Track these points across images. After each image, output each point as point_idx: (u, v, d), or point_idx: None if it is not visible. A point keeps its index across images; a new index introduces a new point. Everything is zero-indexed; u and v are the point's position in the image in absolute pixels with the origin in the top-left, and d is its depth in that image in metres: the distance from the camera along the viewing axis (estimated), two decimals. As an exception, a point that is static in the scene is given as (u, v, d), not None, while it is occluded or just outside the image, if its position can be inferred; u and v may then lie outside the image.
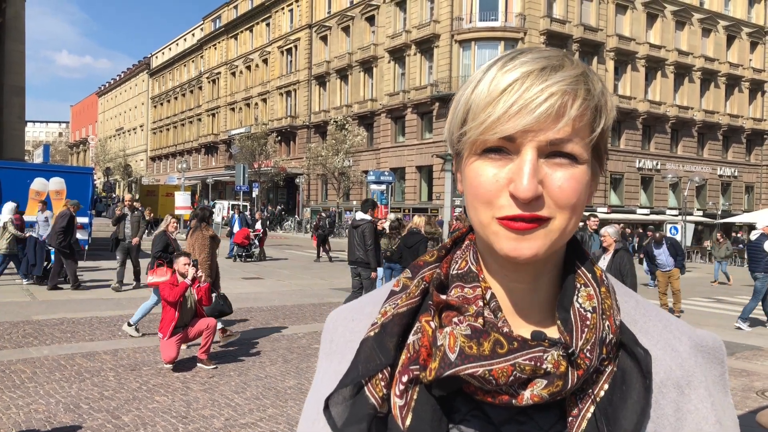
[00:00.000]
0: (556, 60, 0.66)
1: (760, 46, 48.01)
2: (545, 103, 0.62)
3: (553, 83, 0.63)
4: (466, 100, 0.68)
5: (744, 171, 47.55)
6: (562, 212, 0.65)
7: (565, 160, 0.65)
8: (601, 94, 0.67)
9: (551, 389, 0.63)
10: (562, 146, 0.64)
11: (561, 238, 0.67)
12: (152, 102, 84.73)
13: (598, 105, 0.67)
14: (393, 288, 0.75)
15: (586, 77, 0.66)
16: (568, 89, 0.64)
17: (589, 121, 0.66)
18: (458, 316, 0.68)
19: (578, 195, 0.65)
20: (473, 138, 0.65)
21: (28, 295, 11.50)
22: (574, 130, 0.64)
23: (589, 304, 0.67)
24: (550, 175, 0.64)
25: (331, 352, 0.81)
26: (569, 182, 0.65)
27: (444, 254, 0.77)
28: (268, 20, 56.68)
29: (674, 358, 0.71)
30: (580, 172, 0.66)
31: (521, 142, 0.63)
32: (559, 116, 0.63)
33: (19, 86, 23.54)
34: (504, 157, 0.65)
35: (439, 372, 0.63)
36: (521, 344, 0.64)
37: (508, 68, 0.65)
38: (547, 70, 0.64)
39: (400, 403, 0.66)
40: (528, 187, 0.62)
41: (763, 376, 7.70)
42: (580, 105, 0.64)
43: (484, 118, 0.64)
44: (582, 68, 0.67)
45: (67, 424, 4.95)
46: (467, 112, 0.67)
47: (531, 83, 0.63)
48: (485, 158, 0.66)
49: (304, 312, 10.66)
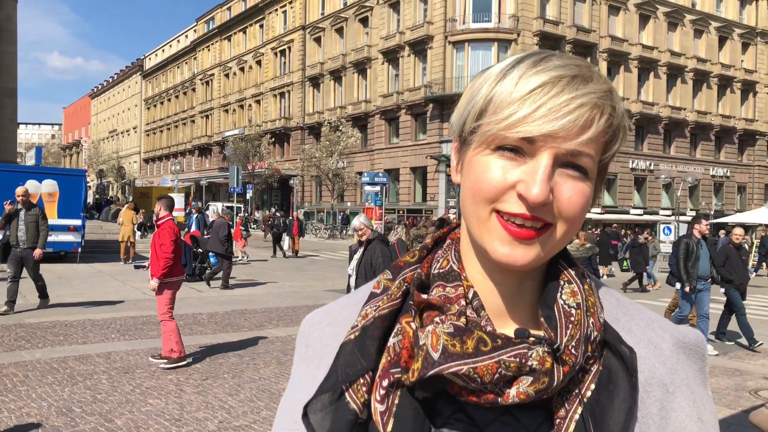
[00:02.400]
0: (587, 70, 0.65)
1: (751, 47, 48.28)
2: (575, 113, 0.61)
3: (585, 94, 0.62)
4: (487, 92, 0.65)
5: (736, 171, 47.78)
6: (563, 223, 0.64)
7: (577, 173, 0.64)
8: (623, 115, 0.67)
9: (537, 386, 0.62)
10: (578, 158, 0.63)
11: (555, 248, 0.66)
12: (145, 104, 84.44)
13: (619, 126, 0.66)
14: (373, 290, 0.73)
15: (612, 94, 0.65)
16: (598, 103, 0.63)
17: (607, 140, 0.66)
18: (440, 315, 0.66)
19: (582, 209, 0.65)
20: (492, 132, 0.63)
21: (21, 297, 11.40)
22: (594, 145, 0.64)
23: (573, 300, 0.67)
24: (561, 184, 0.63)
25: (306, 357, 0.78)
26: (578, 196, 0.64)
27: (425, 254, 0.75)
28: (262, 22, 56.59)
29: (657, 357, 0.70)
30: (588, 188, 0.65)
31: (540, 146, 0.62)
32: (585, 128, 0.62)
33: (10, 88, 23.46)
34: (518, 157, 0.63)
35: (423, 372, 0.61)
36: (505, 342, 0.63)
37: (538, 69, 0.63)
38: (578, 80, 0.63)
39: (381, 408, 0.64)
40: (540, 192, 0.61)
41: (756, 375, 7.73)
42: (606, 122, 0.64)
43: (508, 114, 0.62)
44: (608, 84, 0.66)
45: (59, 428, 4.91)
46: (487, 103, 0.65)
47: (562, 89, 0.62)
48: (498, 154, 0.64)
49: (298, 314, 10.64)
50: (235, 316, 10.18)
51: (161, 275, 6.88)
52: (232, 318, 10.05)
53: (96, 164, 79.42)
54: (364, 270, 6.54)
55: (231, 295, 12.71)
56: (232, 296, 12.62)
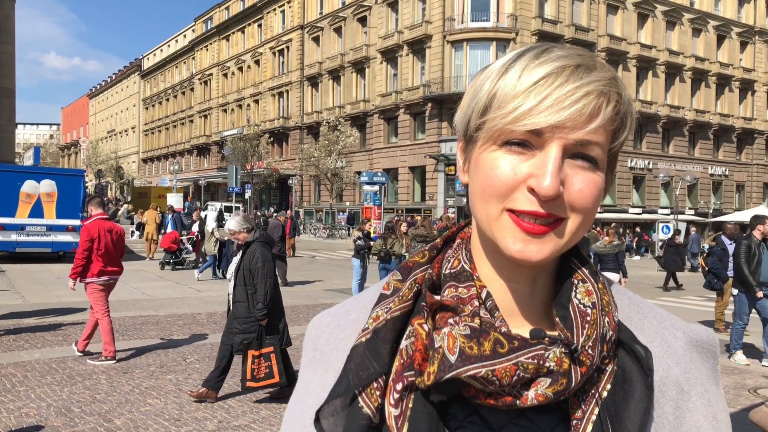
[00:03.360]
0: (589, 59, 0.63)
1: (749, 46, 48.31)
2: (581, 101, 0.60)
3: (590, 82, 0.61)
4: (490, 88, 0.64)
5: (735, 170, 47.80)
6: (576, 216, 0.63)
7: (587, 164, 0.63)
8: (629, 102, 0.65)
9: (555, 388, 0.60)
10: (587, 149, 0.62)
11: (569, 242, 0.64)
12: (144, 104, 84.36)
13: (626, 113, 0.65)
14: (383, 291, 0.71)
15: (617, 82, 0.64)
16: (603, 90, 0.62)
17: (615, 128, 0.64)
18: (453, 316, 0.65)
19: (595, 201, 0.63)
20: (499, 127, 0.62)
21: (20, 298, 11.43)
22: (602, 134, 0.63)
23: (588, 299, 0.65)
24: (571, 176, 0.62)
25: (315, 360, 0.76)
26: (589, 187, 0.63)
27: (435, 254, 0.74)
28: (260, 21, 56.55)
29: (671, 355, 0.70)
30: (600, 179, 0.64)
31: (548, 138, 0.61)
32: (593, 117, 0.61)
33: (8, 88, 23.46)
34: (526, 151, 0.62)
35: (439, 375, 0.60)
36: (522, 343, 0.61)
37: (541, 60, 0.62)
38: (582, 69, 0.62)
39: (395, 412, 0.63)
40: (551, 185, 0.59)
41: (756, 373, 7.74)
42: (613, 109, 0.63)
43: (514, 107, 0.61)
44: (612, 72, 0.64)
45: (58, 428, 4.91)
46: (491, 99, 0.63)
47: (566, 79, 0.60)
48: (506, 149, 0.63)
49: (298, 313, 10.63)
50: (234, 316, 10.17)
51: (73, 275, 7.02)
52: (231, 318, 10.04)
53: (94, 164, 79.41)
54: (243, 277, 5.75)
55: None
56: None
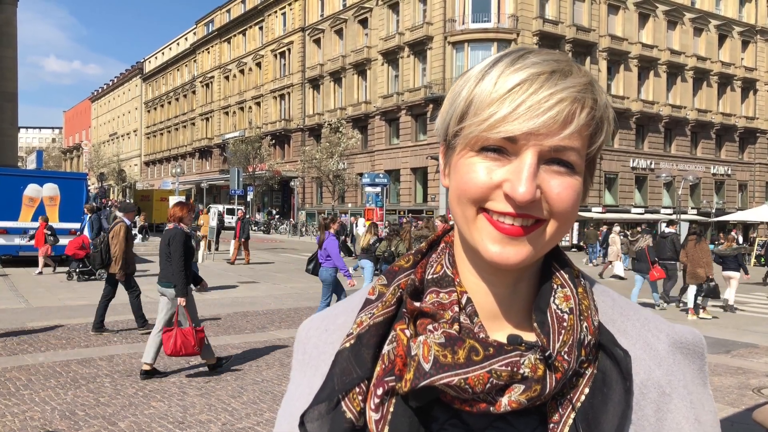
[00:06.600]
0: (565, 65, 0.64)
1: (751, 45, 48.25)
2: (555, 108, 0.60)
3: (564, 89, 0.61)
4: (467, 95, 0.64)
5: (737, 169, 47.73)
6: (556, 219, 0.64)
7: (563, 169, 0.63)
8: (605, 106, 0.66)
9: (529, 394, 0.61)
10: (563, 154, 0.62)
11: (548, 245, 0.65)
12: (146, 107, 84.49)
13: (602, 117, 0.65)
14: (368, 296, 0.72)
15: (593, 87, 0.64)
16: (578, 96, 0.62)
17: (591, 133, 0.65)
18: (433, 323, 0.66)
19: (573, 204, 0.64)
20: (474, 134, 0.63)
21: (23, 302, 11.44)
22: (578, 140, 0.63)
23: (566, 305, 0.66)
24: (548, 181, 0.62)
25: (304, 364, 0.78)
26: (567, 190, 0.63)
27: (420, 258, 0.74)
28: (261, 24, 56.60)
29: (653, 358, 0.69)
30: (577, 182, 0.64)
31: (523, 145, 0.61)
32: (567, 123, 0.61)
33: (10, 92, 23.51)
34: (502, 157, 0.63)
35: (414, 383, 0.61)
36: (497, 350, 0.62)
37: (516, 67, 0.63)
38: (557, 75, 0.62)
39: (376, 416, 0.64)
40: (527, 191, 0.60)
41: (760, 373, 7.72)
42: (588, 114, 0.63)
43: (488, 115, 0.61)
44: (589, 77, 0.65)
45: (63, 431, 4.92)
46: (468, 106, 0.64)
47: (540, 85, 0.61)
48: (482, 156, 0.63)
49: (301, 315, 10.63)
50: (237, 318, 10.19)
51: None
52: (234, 320, 10.06)
53: (97, 167, 79.45)
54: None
55: (232, 297, 12.70)
56: (233, 298, 12.62)
